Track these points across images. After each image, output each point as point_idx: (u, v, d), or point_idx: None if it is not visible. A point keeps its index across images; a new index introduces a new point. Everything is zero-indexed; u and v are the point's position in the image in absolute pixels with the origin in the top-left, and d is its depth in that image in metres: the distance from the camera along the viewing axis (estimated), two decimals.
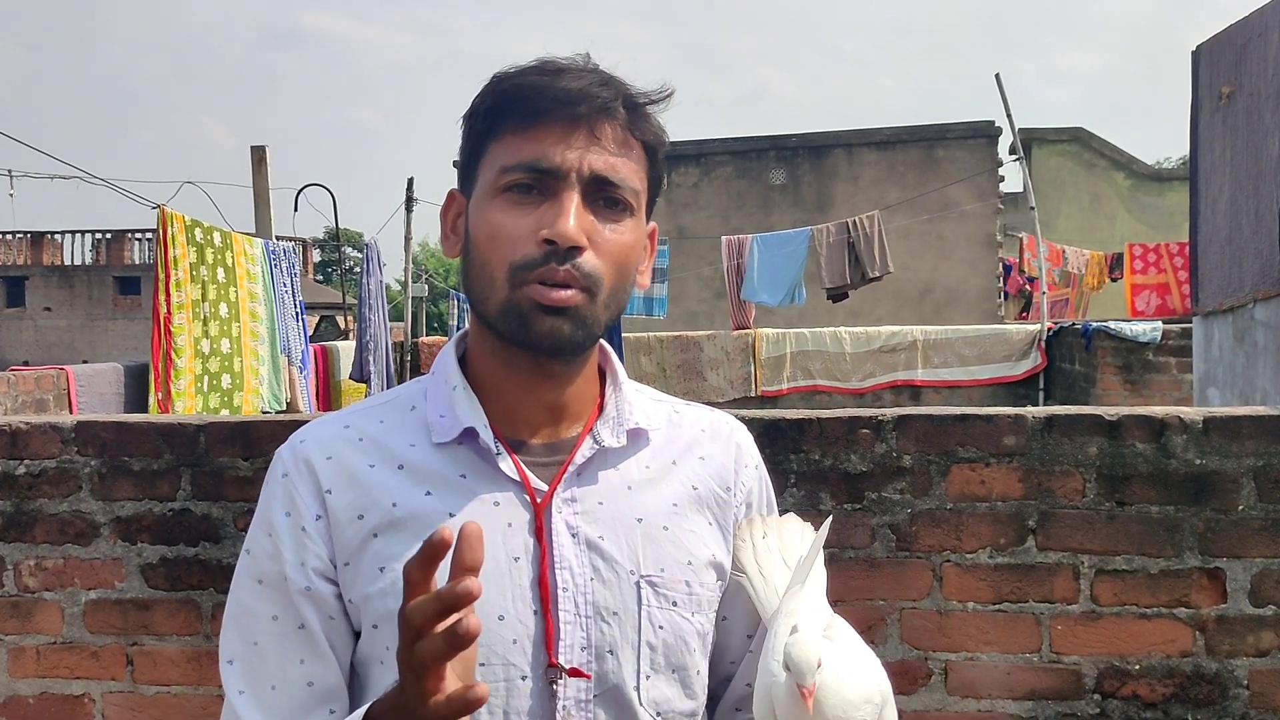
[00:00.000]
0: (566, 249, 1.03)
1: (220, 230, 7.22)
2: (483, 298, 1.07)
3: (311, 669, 1.07)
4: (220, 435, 2.50)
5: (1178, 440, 2.30)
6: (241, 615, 1.09)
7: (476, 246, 1.07)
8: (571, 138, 1.04)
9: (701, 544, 1.15)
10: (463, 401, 1.11)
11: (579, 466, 1.11)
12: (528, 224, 1.04)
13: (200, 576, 2.51)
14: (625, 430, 1.14)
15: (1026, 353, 10.77)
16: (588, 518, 1.10)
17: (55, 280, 31.53)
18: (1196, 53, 6.59)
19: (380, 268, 9.98)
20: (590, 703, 1.07)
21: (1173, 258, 14.35)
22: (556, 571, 1.07)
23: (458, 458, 1.10)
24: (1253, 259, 5.38)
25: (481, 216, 1.07)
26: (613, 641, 1.08)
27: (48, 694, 2.56)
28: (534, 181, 1.04)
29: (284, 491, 1.10)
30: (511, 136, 1.06)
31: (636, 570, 1.10)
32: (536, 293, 1.03)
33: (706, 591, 1.14)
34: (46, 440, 2.56)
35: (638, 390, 1.21)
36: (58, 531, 2.55)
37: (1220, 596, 2.29)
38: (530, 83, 1.05)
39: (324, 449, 1.11)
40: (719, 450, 1.21)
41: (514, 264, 1.04)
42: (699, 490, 1.17)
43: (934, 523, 2.34)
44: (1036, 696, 2.32)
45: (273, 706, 1.06)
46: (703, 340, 11.41)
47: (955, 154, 18.00)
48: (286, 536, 1.08)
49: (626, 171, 1.07)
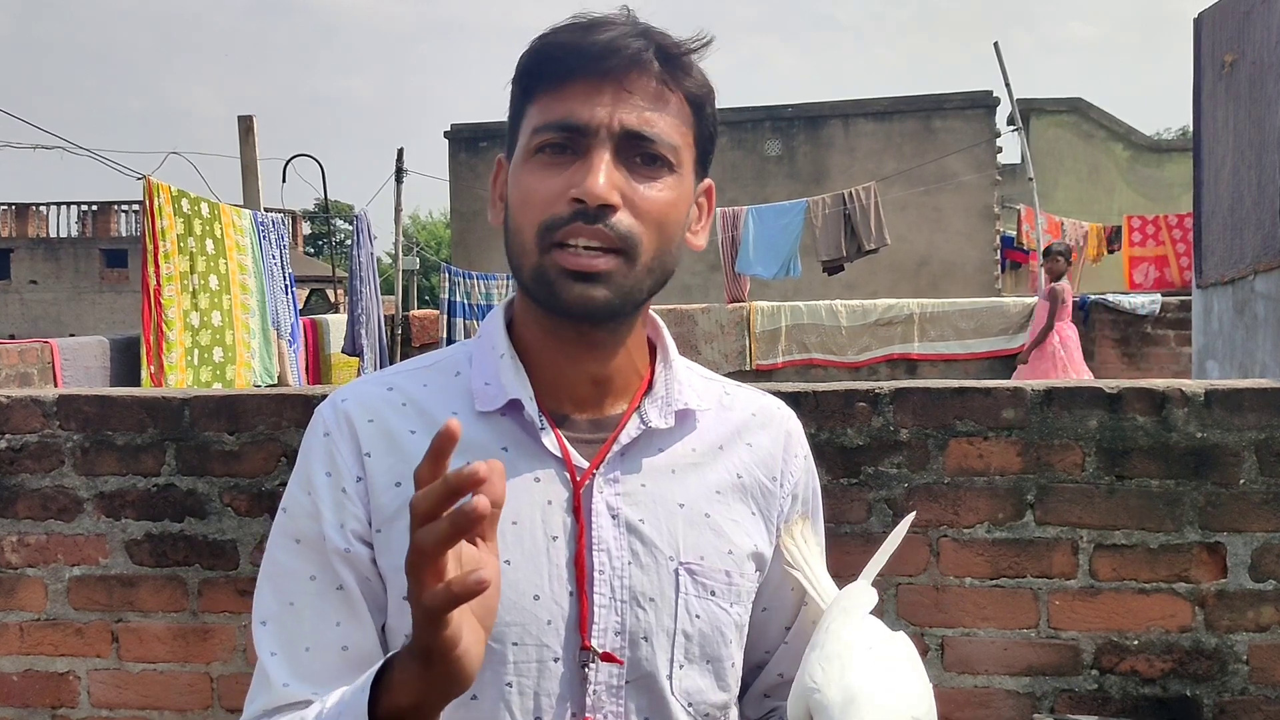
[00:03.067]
0: (597, 208, 0.99)
1: (208, 201, 7.14)
2: (518, 263, 1.05)
3: (347, 632, 1.03)
4: (205, 409, 2.46)
5: (1179, 413, 2.26)
6: (278, 574, 1.06)
7: (511, 211, 1.05)
8: (600, 93, 1.01)
9: (744, 534, 1.11)
10: (509, 371, 1.07)
11: (624, 446, 1.08)
12: (558, 184, 1.01)
13: (186, 552, 2.48)
14: (674, 411, 1.10)
15: (1024, 325, 10.73)
16: (629, 499, 1.07)
17: (41, 253, 31.37)
18: (1198, 21, 6.52)
19: (371, 240, 9.89)
20: (622, 689, 1.04)
21: (1171, 230, 14.31)
22: (594, 553, 1.04)
23: (500, 429, 1.07)
24: (1254, 230, 5.34)
25: (516, 180, 1.05)
26: (647, 628, 1.05)
27: (32, 671, 2.53)
28: (565, 141, 1.01)
29: (325, 450, 1.06)
30: (544, 97, 1.03)
31: (676, 557, 1.07)
32: (564, 258, 1.00)
33: (746, 583, 1.11)
34: (28, 414, 2.51)
35: (688, 368, 1.16)
36: (40, 507, 2.51)
37: (1220, 571, 2.26)
38: (561, 40, 1.02)
39: (366, 410, 1.08)
40: (768, 438, 1.17)
41: (542, 225, 1.01)
42: (744, 479, 1.13)
43: (931, 497, 2.31)
44: (1034, 672, 2.30)
45: (306, 669, 1.02)
46: (697, 313, 11.35)
47: (952, 125, 17.91)
48: (326, 496, 1.05)
49: (663, 125, 1.03)
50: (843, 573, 2.31)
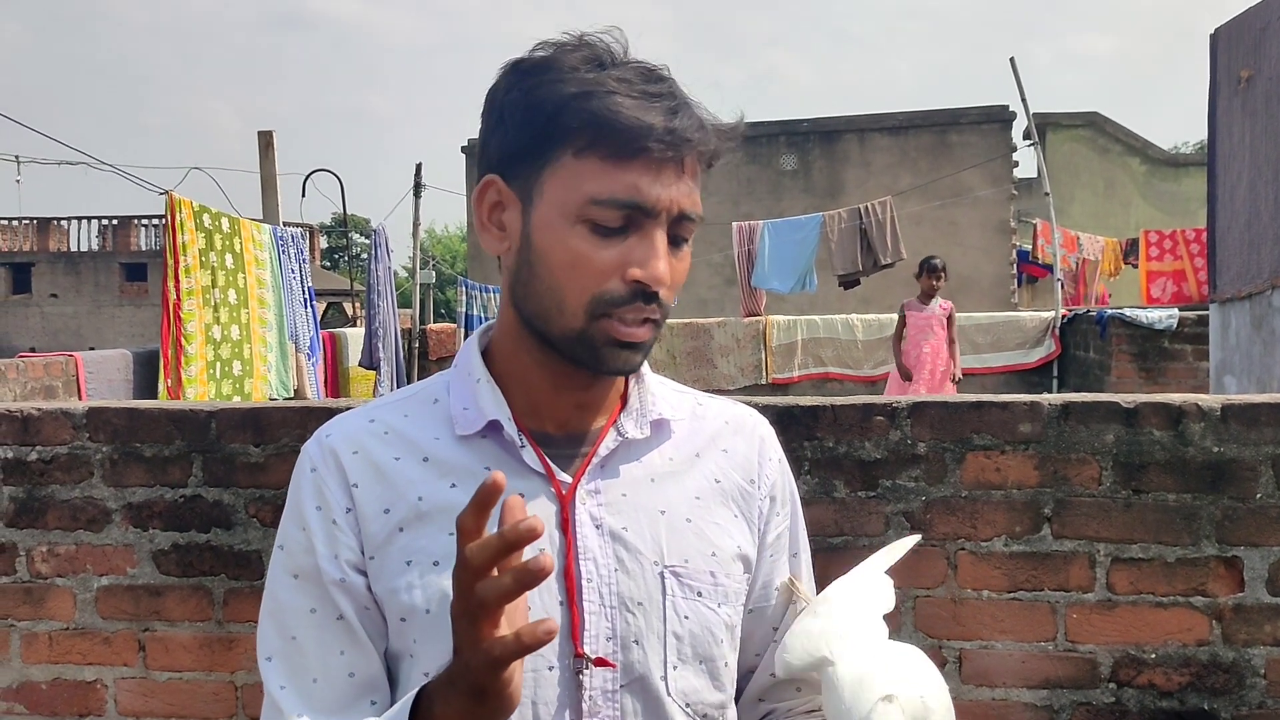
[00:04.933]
0: (654, 290, 1.04)
1: (228, 216, 7.20)
2: (545, 316, 1.06)
3: (352, 659, 1.06)
4: (231, 422, 2.50)
5: (1195, 428, 2.27)
6: (278, 611, 1.09)
7: (547, 266, 1.05)
8: (664, 175, 1.03)
9: (726, 536, 1.15)
10: (486, 394, 1.11)
11: (603, 458, 1.11)
12: (612, 258, 1.03)
13: (212, 563, 2.51)
14: (648, 421, 1.14)
15: (1040, 340, 10.71)
16: (611, 509, 1.10)
17: (61, 267, 31.65)
18: (1215, 36, 6.52)
19: (388, 254, 9.95)
20: (617, 693, 1.07)
21: (1189, 244, 14.26)
22: (581, 563, 1.07)
23: (481, 450, 1.10)
24: (1271, 245, 5.33)
25: (558, 239, 1.04)
26: (638, 632, 1.08)
27: (60, 680, 2.56)
28: (624, 218, 1.03)
29: (313, 486, 1.10)
30: (600, 163, 1.02)
31: (660, 561, 1.10)
32: (616, 330, 1.04)
33: (733, 583, 1.14)
34: (58, 426, 2.56)
35: (661, 382, 1.20)
36: (70, 518, 2.55)
37: (1237, 585, 2.27)
38: (626, 112, 1.01)
39: (350, 443, 1.11)
40: (742, 443, 1.20)
41: (597, 298, 1.03)
42: (722, 483, 1.17)
43: (949, 510, 2.32)
44: (1051, 685, 2.31)
45: (316, 699, 1.05)
46: (713, 327, 11.37)
47: (969, 139, 17.90)
48: (319, 529, 1.08)
49: (698, 202, 1.08)
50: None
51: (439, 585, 1.04)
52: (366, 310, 9.76)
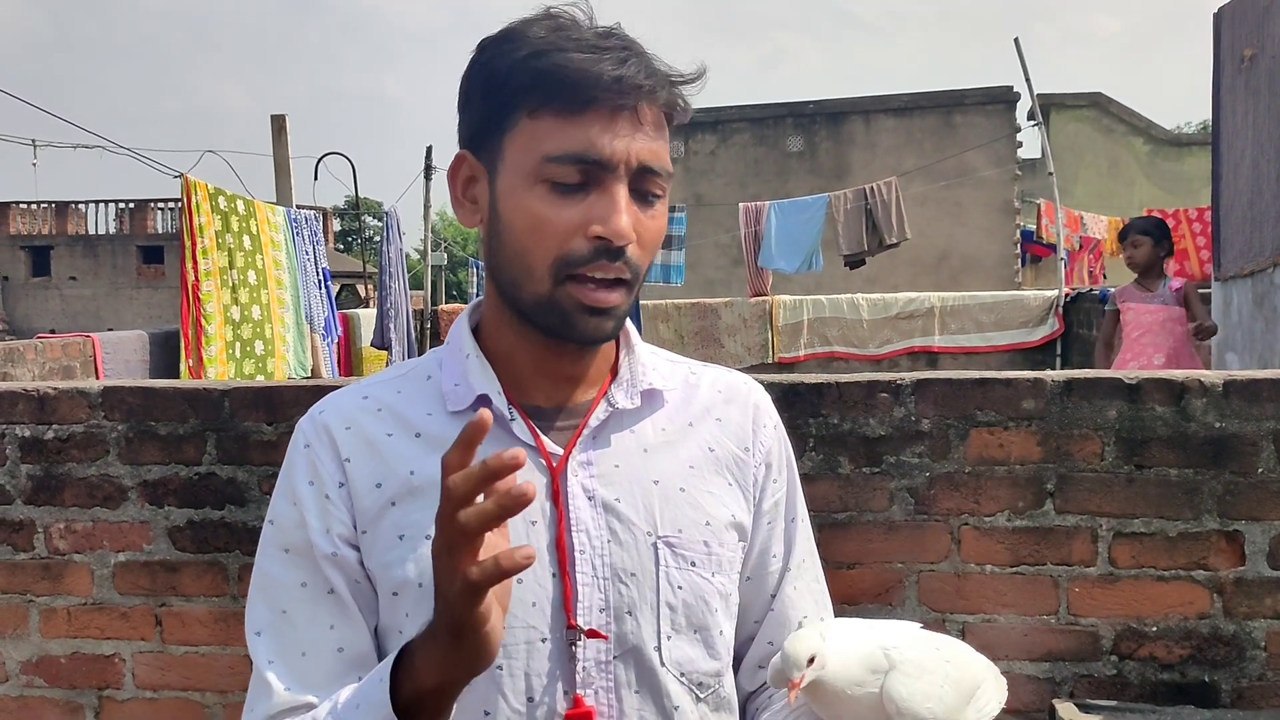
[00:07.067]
0: (619, 246, 1.02)
1: (243, 198, 7.24)
2: (515, 284, 1.06)
3: (341, 634, 1.06)
4: (244, 400, 2.53)
5: (1197, 403, 2.30)
6: (268, 585, 1.09)
7: (512, 232, 1.04)
8: (618, 125, 1.01)
9: (720, 505, 1.14)
10: (476, 370, 1.11)
11: (594, 430, 1.11)
12: (573, 216, 1.02)
13: (226, 539, 2.55)
14: (639, 391, 1.14)
15: (1044, 319, 10.72)
16: (604, 480, 1.10)
17: (80, 250, 31.85)
18: (1218, 15, 6.51)
19: (400, 236, 9.99)
20: (610, 664, 1.07)
21: (1191, 224, 14.22)
22: (573, 534, 1.07)
23: None
24: (1273, 223, 5.34)
25: (518, 203, 1.03)
26: (631, 602, 1.08)
27: (79, 654, 2.61)
28: (581, 173, 1.01)
29: (306, 461, 1.10)
30: (553, 119, 1.01)
31: (654, 531, 1.09)
32: (583, 294, 1.02)
33: (727, 552, 1.14)
34: (74, 405, 2.59)
35: (653, 353, 1.20)
36: (86, 495, 2.59)
37: (1238, 559, 2.30)
38: (574, 65, 1.00)
39: (343, 419, 1.11)
40: (736, 412, 1.20)
41: (560, 259, 1.02)
42: (716, 452, 1.16)
43: (952, 486, 2.35)
44: (1054, 658, 2.34)
45: (304, 674, 1.05)
46: (720, 307, 11.40)
47: (973, 120, 17.86)
48: (311, 504, 1.08)
49: (664, 156, 1.05)
50: (865, 560, 2.38)
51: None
52: (379, 292, 9.80)
